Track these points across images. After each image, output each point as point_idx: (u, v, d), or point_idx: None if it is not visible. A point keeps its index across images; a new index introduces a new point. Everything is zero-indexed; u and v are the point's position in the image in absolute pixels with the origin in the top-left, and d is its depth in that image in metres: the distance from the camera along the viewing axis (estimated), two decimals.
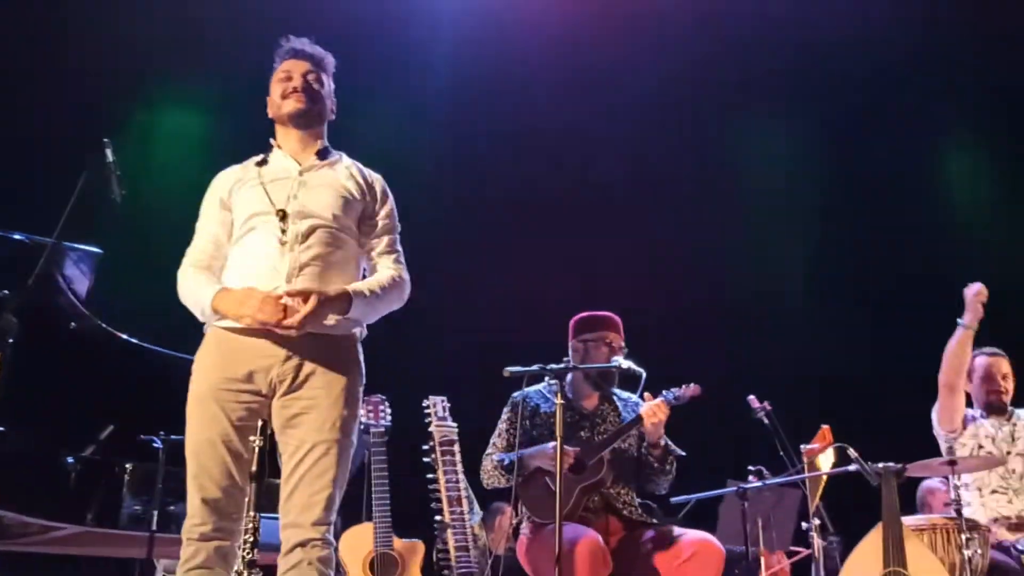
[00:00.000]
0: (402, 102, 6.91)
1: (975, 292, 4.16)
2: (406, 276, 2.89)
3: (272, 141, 2.92)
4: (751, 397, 4.55)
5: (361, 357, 2.80)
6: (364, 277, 2.88)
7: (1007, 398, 4.28)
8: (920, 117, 7.16)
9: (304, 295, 2.60)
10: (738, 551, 5.01)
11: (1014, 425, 4.22)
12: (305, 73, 2.89)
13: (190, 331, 2.95)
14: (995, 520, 4.05)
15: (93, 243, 4.16)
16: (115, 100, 6.19)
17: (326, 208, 2.77)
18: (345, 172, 2.89)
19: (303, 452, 2.62)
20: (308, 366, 2.66)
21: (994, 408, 4.26)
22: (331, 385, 2.66)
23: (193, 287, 2.77)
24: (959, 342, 4.15)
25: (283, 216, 2.71)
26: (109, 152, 3.20)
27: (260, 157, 2.89)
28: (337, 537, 3.53)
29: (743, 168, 7.56)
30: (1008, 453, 4.13)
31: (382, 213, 2.91)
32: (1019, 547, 3.80)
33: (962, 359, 4.16)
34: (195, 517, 2.60)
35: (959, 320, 4.16)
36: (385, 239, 2.89)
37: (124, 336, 4.12)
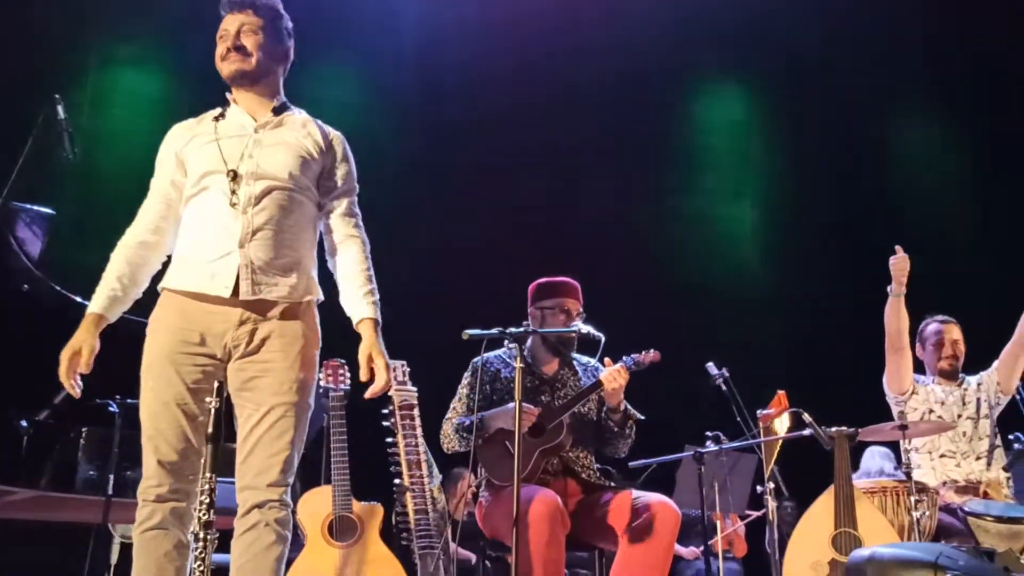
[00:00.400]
0: (363, 61, 6.83)
1: (895, 261, 4.23)
2: (367, 239, 2.85)
3: (229, 95, 2.82)
4: (709, 364, 4.61)
5: (317, 321, 2.77)
6: (320, 240, 2.84)
7: (958, 364, 4.36)
8: (875, 84, 7.24)
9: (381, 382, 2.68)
10: (695, 514, 5.11)
11: (964, 390, 4.31)
12: (239, 29, 2.73)
13: (146, 295, 2.92)
14: (944, 483, 4.15)
15: (46, 204, 4.07)
16: (69, 59, 6.06)
17: (282, 168, 2.71)
18: (303, 130, 2.81)
19: (260, 415, 2.61)
20: (263, 330, 2.64)
21: (945, 374, 4.34)
22: (287, 348, 2.64)
23: (108, 268, 2.77)
24: (891, 308, 4.23)
25: (234, 176, 2.65)
26: (60, 109, 3.12)
27: (218, 111, 2.81)
28: (295, 500, 3.55)
29: (704, 137, 7.61)
30: (958, 417, 4.22)
31: (341, 172, 2.84)
32: (966, 509, 3.89)
33: (898, 323, 4.23)
34: (151, 479, 2.59)
35: (888, 289, 4.23)
36: (344, 201, 2.83)
37: (78, 299, 4.05)
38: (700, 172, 7.56)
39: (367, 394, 2.71)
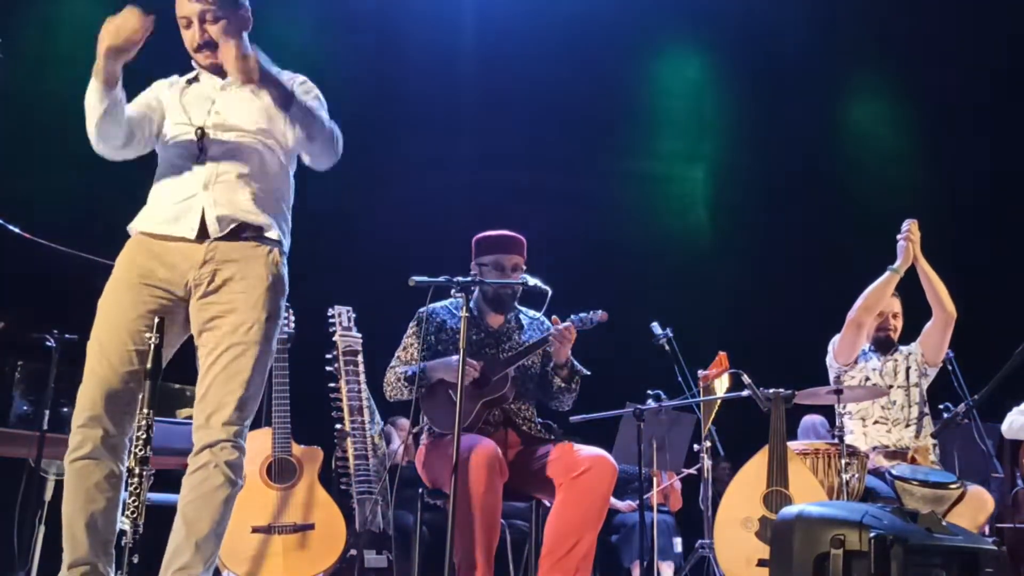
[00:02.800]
0: (323, 8, 6.70)
1: (906, 231, 4.24)
2: (338, 131, 2.87)
3: (194, 63, 2.85)
4: (654, 323, 4.66)
5: (285, 270, 2.79)
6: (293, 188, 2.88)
7: (895, 335, 4.45)
8: (828, 53, 7.31)
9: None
10: (633, 470, 5.20)
11: (896, 360, 4.41)
12: (202, 16, 2.71)
13: (89, 228, 2.88)
14: (874, 448, 4.26)
15: None
16: None
17: (247, 120, 2.75)
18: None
19: (218, 353, 2.62)
20: (227, 271, 2.65)
21: (881, 343, 4.43)
22: (250, 290, 2.66)
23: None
24: (885, 284, 4.25)
25: (201, 133, 2.70)
26: None
27: (193, 74, 2.86)
28: None
29: (659, 99, 7.63)
30: (890, 387, 4.32)
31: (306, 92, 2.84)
32: (894, 473, 4.01)
33: (881, 302, 4.28)
34: (85, 405, 2.57)
35: (890, 266, 4.24)
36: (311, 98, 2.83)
37: (16, 229, 3.96)
38: (655, 134, 7.58)
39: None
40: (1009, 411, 4.77)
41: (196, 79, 2.85)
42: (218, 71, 2.79)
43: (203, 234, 2.64)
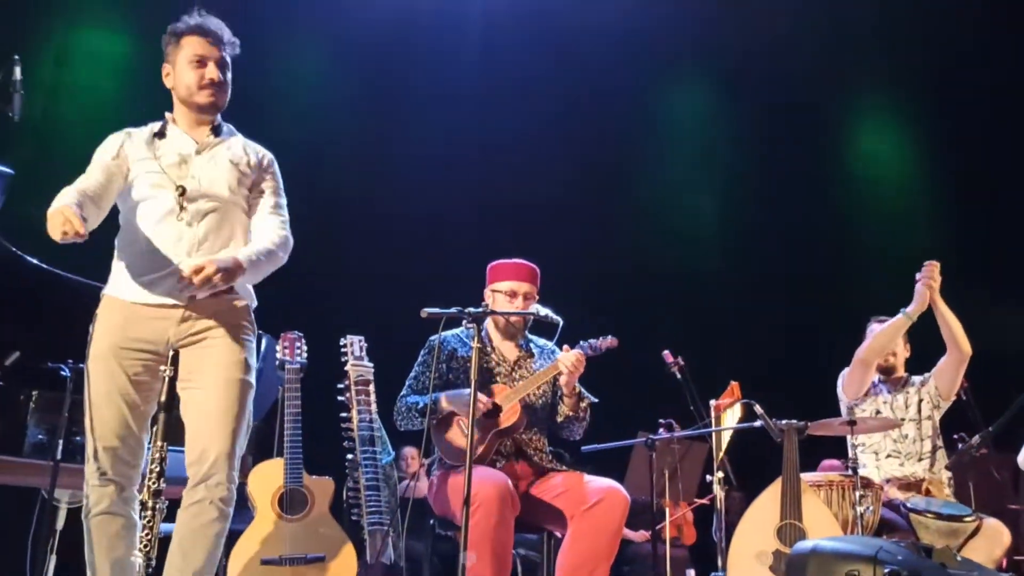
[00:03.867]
0: (327, 38, 6.77)
1: (925, 275, 4.20)
2: (291, 238, 3.02)
3: (168, 115, 2.98)
4: (666, 352, 4.65)
5: (252, 319, 2.96)
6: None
7: (896, 364, 4.42)
8: (838, 91, 7.34)
9: (198, 268, 2.67)
10: (644, 500, 5.17)
11: (907, 393, 4.38)
12: (219, 63, 2.92)
13: (104, 257, 2.92)
14: (888, 480, 4.23)
15: (5, 163, 4.00)
16: (34, 18, 5.93)
17: (223, 186, 2.89)
18: (239, 148, 3.00)
19: (205, 393, 2.79)
20: (205, 322, 2.82)
21: (889, 376, 4.41)
22: (228, 334, 2.84)
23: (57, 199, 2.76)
24: (895, 328, 4.24)
25: (182, 192, 2.82)
26: (18, 70, 3.10)
27: (158, 127, 2.95)
28: (247, 473, 3.55)
29: (667, 135, 7.67)
30: (902, 420, 4.29)
31: (268, 182, 3.03)
32: (908, 505, 3.97)
33: (890, 346, 4.28)
34: (96, 467, 2.74)
35: (903, 309, 4.22)
36: (271, 201, 3.02)
37: (34, 260, 3.99)
38: (664, 163, 7.61)
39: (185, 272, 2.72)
40: None
41: (163, 133, 2.94)
42: (188, 128, 2.94)
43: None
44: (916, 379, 4.43)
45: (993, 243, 7.06)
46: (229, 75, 2.97)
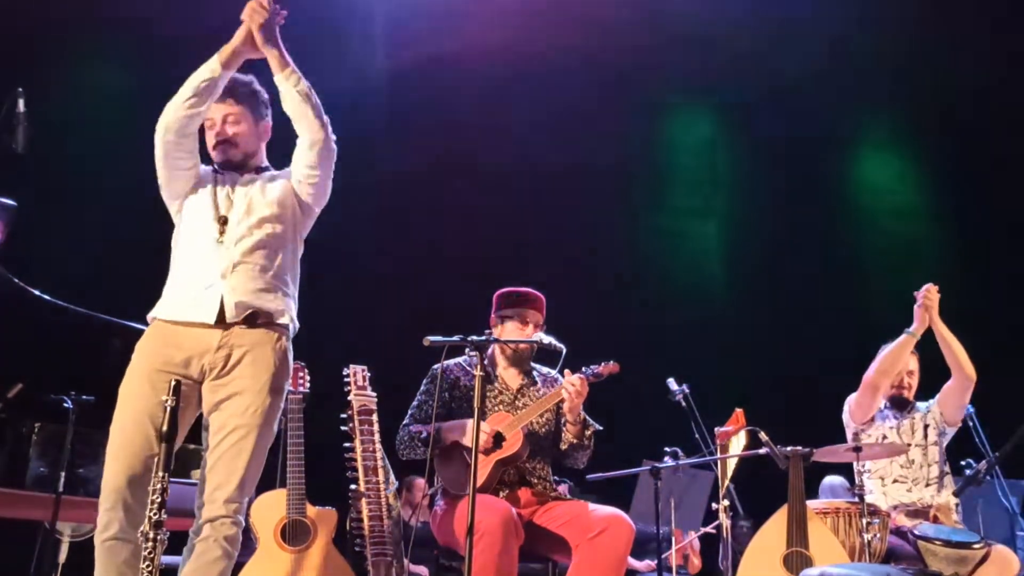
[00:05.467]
0: (341, 66, 6.82)
1: (922, 297, 4.22)
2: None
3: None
4: (670, 379, 4.64)
5: (290, 350, 2.99)
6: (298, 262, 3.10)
7: (909, 394, 4.41)
8: (838, 115, 7.37)
9: None
10: (650, 530, 5.13)
11: (913, 418, 4.36)
12: (225, 118, 3.02)
13: (108, 291, 2.95)
14: (895, 507, 4.19)
15: (9, 196, 4.03)
16: (40, 51, 5.99)
17: (265, 209, 2.98)
18: (279, 179, 3.09)
19: (224, 434, 2.84)
20: (237, 354, 2.87)
21: (896, 402, 4.39)
22: (258, 375, 2.87)
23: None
24: (901, 347, 4.24)
25: (224, 220, 2.93)
26: (21, 103, 3.14)
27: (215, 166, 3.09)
28: (249, 504, 3.52)
29: (674, 155, 7.70)
30: (908, 445, 4.27)
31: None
32: (916, 532, 3.93)
33: (897, 365, 4.27)
34: (111, 490, 2.76)
35: (907, 329, 4.23)
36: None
37: (37, 292, 4.00)
38: (669, 189, 7.64)
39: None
40: None
41: (220, 171, 3.06)
42: (233, 167, 3.04)
43: (220, 319, 2.86)
44: (922, 405, 4.41)
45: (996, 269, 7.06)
46: (247, 123, 3.05)
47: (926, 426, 4.33)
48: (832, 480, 5.55)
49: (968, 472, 4.18)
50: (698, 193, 7.73)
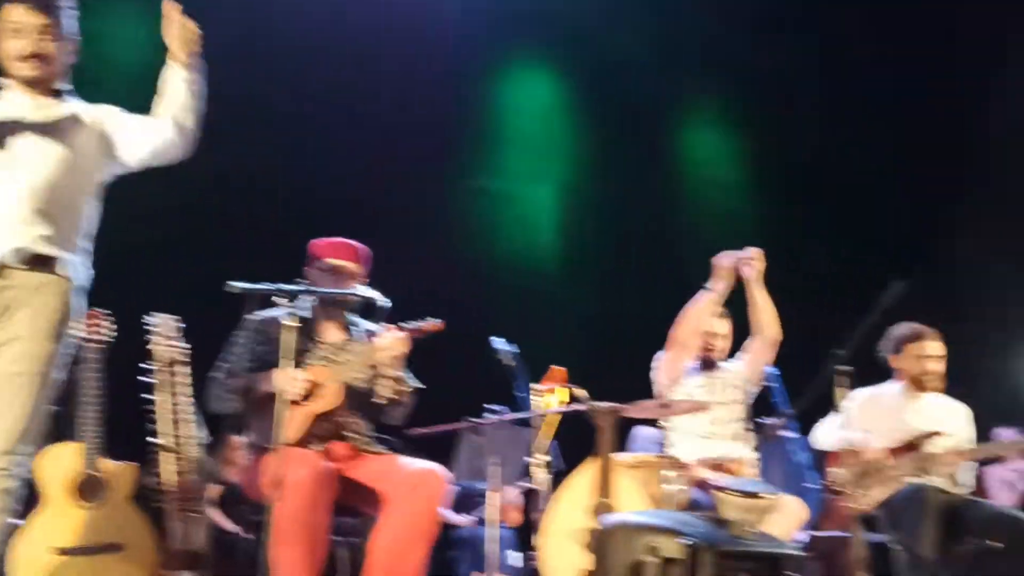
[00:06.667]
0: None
1: (746, 258, 4.39)
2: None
3: (4, 79, 2.83)
4: (497, 339, 4.68)
5: (72, 300, 2.80)
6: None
7: (716, 355, 4.58)
8: (672, 83, 7.61)
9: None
10: (471, 485, 5.20)
11: (722, 378, 4.56)
12: (40, 32, 2.76)
13: None
14: (699, 461, 4.39)
15: None
16: None
17: (52, 149, 2.76)
18: (75, 114, 2.87)
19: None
20: (16, 301, 2.69)
21: (704, 362, 4.58)
22: (35, 319, 2.70)
23: None
24: (702, 304, 4.39)
25: (11, 155, 2.72)
26: None
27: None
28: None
29: (510, 118, 7.76)
30: (713, 403, 4.45)
31: (119, 115, 2.94)
32: (712, 483, 4.12)
33: (701, 322, 4.42)
34: None
35: (705, 285, 4.39)
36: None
37: None
38: (504, 152, 7.70)
39: None
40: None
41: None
42: (27, 91, 2.80)
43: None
44: (729, 364, 4.61)
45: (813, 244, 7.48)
46: (59, 44, 2.81)
47: (733, 386, 4.53)
48: (644, 430, 5.75)
49: (765, 428, 4.42)
50: (533, 158, 7.82)
